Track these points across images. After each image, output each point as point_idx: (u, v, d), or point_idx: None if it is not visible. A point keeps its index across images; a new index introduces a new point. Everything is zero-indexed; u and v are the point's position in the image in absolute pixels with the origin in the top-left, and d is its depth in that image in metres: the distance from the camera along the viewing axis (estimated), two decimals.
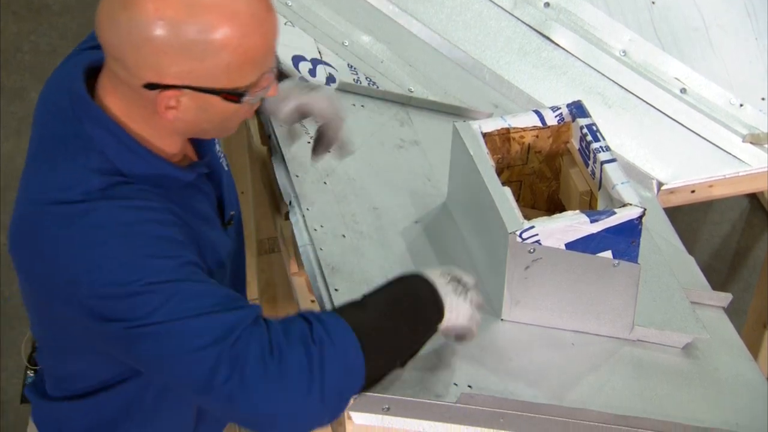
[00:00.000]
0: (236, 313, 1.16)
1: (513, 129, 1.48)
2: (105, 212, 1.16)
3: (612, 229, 1.35)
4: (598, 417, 1.32)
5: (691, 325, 1.45)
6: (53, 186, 1.18)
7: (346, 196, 1.52)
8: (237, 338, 1.14)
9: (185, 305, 1.14)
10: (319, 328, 1.17)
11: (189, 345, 1.14)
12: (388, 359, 1.22)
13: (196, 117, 1.19)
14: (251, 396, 1.13)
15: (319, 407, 1.15)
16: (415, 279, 1.26)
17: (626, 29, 1.87)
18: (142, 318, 1.14)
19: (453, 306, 1.25)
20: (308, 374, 1.14)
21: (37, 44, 3.27)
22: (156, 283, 1.15)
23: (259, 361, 1.13)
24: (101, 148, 1.18)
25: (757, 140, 1.78)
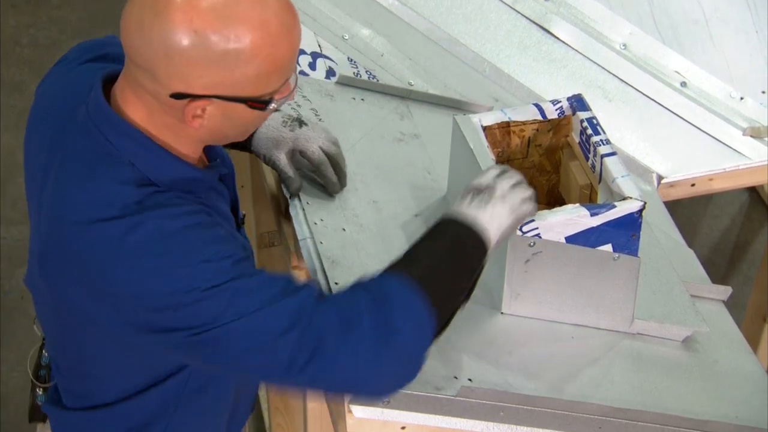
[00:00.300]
0: (299, 296, 1.18)
1: (513, 122, 1.48)
2: (152, 224, 1.16)
3: (612, 222, 1.35)
4: (597, 410, 1.33)
5: (691, 318, 1.46)
6: (89, 205, 1.17)
7: (346, 190, 1.52)
8: (308, 319, 1.16)
9: (251, 300, 1.15)
10: (379, 292, 1.19)
11: (264, 337, 1.15)
12: (451, 299, 1.24)
13: (221, 125, 1.19)
14: (333, 371, 1.16)
15: (396, 366, 1.18)
16: (446, 222, 1.27)
17: (626, 22, 1.86)
18: (210, 323, 1.15)
19: (488, 220, 1.27)
20: (382, 338, 1.16)
21: (36, 38, 3.27)
22: (217, 286, 1.15)
23: (335, 337, 1.16)
24: (129, 159, 1.18)
25: (757, 133, 1.78)
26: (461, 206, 1.28)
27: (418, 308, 1.19)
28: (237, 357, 1.17)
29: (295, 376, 1.16)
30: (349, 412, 1.28)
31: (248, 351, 1.16)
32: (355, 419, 1.28)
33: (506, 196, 1.29)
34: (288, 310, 1.16)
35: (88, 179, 1.18)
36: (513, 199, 1.29)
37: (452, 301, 1.25)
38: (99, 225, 1.16)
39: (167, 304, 1.15)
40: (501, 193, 1.29)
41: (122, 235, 1.15)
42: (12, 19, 3.31)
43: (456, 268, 1.24)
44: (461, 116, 1.46)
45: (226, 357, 1.17)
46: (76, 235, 1.17)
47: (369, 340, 1.17)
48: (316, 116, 1.63)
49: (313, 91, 1.67)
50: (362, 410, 1.28)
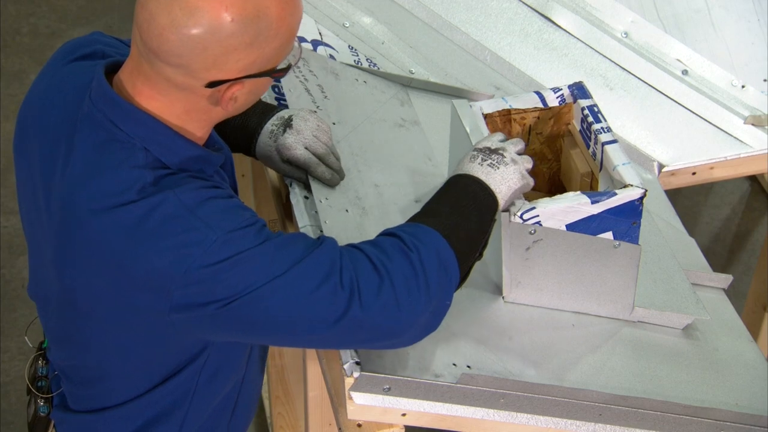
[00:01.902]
0: (325, 248, 1.20)
1: (514, 110, 1.48)
2: (171, 202, 1.16)
3: (613, 210, 1.35)
4: (598, 397, 1.33)
5: (692, 306, 1.46)
6: (105, 192, 1.17)
7: (348, 172, 1.52)
8: (341, 268, 1.18)
9: (281, 260, 1.17)
10: (407, 237, 1.22)
11: (301, 292, 1.16)
12: (470, 251, 1.27)
13: (246, 100, 1.21)
14: (374, 316, 1.18)
15: (429, 306, 1.21)
16: (458, 178, 1.30)
17: (628, 10, 1.86)
18: (244, 289, 1.15)
19: (499, 181, 1.30)
20: (415, 279, 1.20)
21: (36, 26, 3.26)
22: (245, 251, 1.16)
23: (371, 281, 1.18)
24: (142, 144, 1.18)
25: (758, 122, 1.77)
26: (472, 165, 1.32)
27: (447, 252, 1.22)
28: (276, 320, 1.17)
29: (338, 326, 1.17)
30: (350, 398, 1.28)
31: (288, 311, 1.17)
32: (356, 406, 1.29)
33: (516, 161, 1.33)
34: (319, 262, 1.18)
35: (101, 167, 1.18)
36: (522, 164, 1.33)
37: (471, 254, 1.28)
38: (118, 210, 1.16)
39: (200, 278, 1.15)
40: (511, 156, 1.33)
41: (144, 215, 1.15)
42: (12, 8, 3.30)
43: (473, 222, 1.27)
44: (458, 101, 1.46)
45: (265, 322, 1.18)
46: (95, 224, 1.17)
47: (403, 280, 1.19)
48: (322, 93, 1.62)
49: (320, 67, 1.67)
50: (363, 397, 1.28)
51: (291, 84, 1.61)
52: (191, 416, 1.33)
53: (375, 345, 1.25)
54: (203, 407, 1.33)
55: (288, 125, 1.44)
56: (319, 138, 1.45)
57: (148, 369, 1.28)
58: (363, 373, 1.26)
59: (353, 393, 1.28)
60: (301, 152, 1.44)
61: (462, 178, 1.31)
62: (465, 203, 1.28)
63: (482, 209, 1.29)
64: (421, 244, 1.22)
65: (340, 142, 1.56)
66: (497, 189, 1.31)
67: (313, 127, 1.45)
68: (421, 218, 1.27)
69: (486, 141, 1.35)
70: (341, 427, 1.35)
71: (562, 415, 1.34)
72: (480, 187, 1.30)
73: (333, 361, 1.36)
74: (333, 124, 1.59)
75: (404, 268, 1.20)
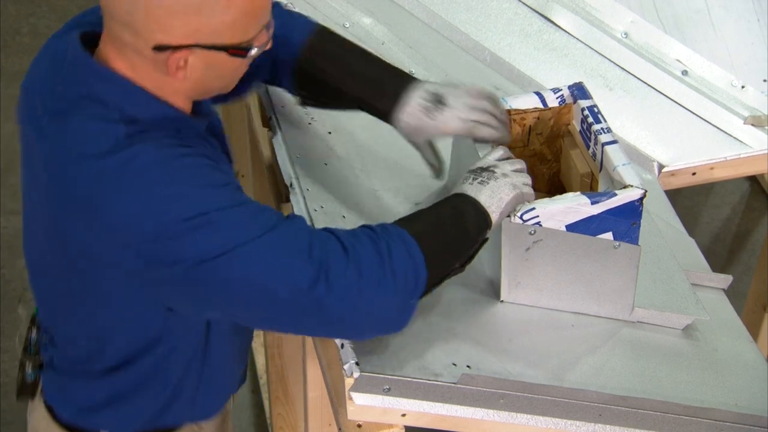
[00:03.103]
0: (297, 222, 1.20)
1: (514, 111, 1.48)
2: (146, 154, 1.16)
3: (613, 210, 1.35)
4: (598, 398, 1.33)
5: (691, 307, 1.46)
6: (79, 141, 1.18)
7: (346, 177, 1.52)
8: (311, 243, 1.17)
9: (254, 225, 1.16)
10: (379, 229, 1.23)
11: (271, 261, 1.15)
12: (443, 258, 1.26)
13: (204, 75, 1.21)
14: (337, 295, 1.17)
15: (394, 301, 1.21)
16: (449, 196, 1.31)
17: (628, 11, 1.86)
18: (213, 250, 1.14)
19: (489, 195, 1.30)
20: (381, 268, 1.19)
21: (36, 26, 3.26)
22: (218, 211, 1.15)
23: (339, 261, 1.17)
24: (115, 103, 1.19)
25: (758, 122, 1.77)
26: (464, 186, 1.32)
27: (417, 255, 1.22)
28: (240, 287, 1.16)
29: (293, 303, 1.16)
30: (350, 399, 1.28)
31: (253, 279, 1.15)
32: (356, 406, 1.29)
33: (508, 175, 1.33)
34: (291, 233, 1.18)
35: (78, 120, 1.19)
36: (514, 178, 1.33)
37: (445, 264, 1.27)
38: (94, 161, 1.16)
39: (170, 233, 1.14)
40: (502, 172, 1.33)
41: (119, 167, 1.16)
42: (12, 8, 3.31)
43: (454, 235, 1.27)
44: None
45: (228, 288, 1.16)
46: (74, 174, 1.18)
47: (369, 268, 1.18)
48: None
49: None
50: (362, 397, 1.28)
51: (283, 100, 1.61)
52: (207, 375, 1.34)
53: (331, 330, 1.24)
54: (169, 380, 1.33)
55: (440, 101, 1.40)
56: (471, 106, 1.41)
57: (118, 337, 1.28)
58: (363, 373, 1.26)
59: (353, 393, 1.28)
60: (457, 125, 1.40)
61: (453, 196, 1.31)
62: (445, 212, 1.28)
63: (465, 220, 1.28)
64: (391, 239, 1.22)
65: (337, 151, 1.57)
66: (487, 203, 1.30)
67: (465, 97, 1.41)
68: (401, 223, 1.27)
69: (481, 161, 1.35)
70: (341, 428, 1.35)
71: (561, 416, 1.34)
72: (466, 200, 1.29)
73: (333, 361, 1.36)
74: (329, 133, 1.59)
75: (372, 255, 1.19)
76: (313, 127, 1.60)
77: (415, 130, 1.42)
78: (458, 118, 1.40)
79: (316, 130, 1.60)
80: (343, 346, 1.29)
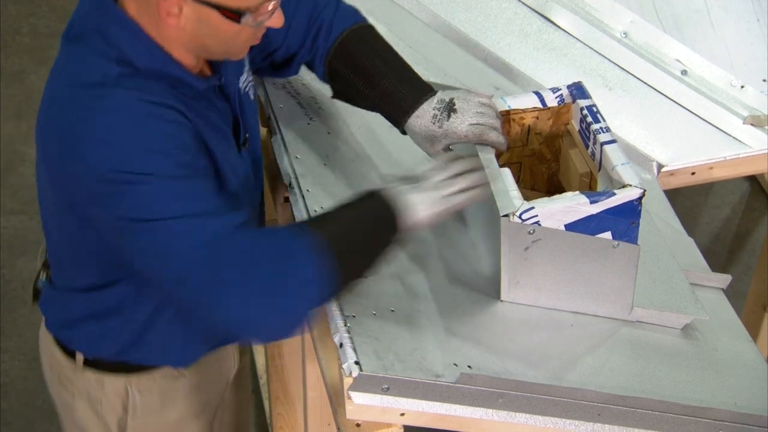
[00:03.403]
0: (222, 218, 1.23)
1: (513, 110, 1.48)
2: (121, 99, 1.23)
3: (612, 210, 1.35)
4: (597, 397, 1.33)
5: (691, 306, 1.46)
6: (75, 69, 1.26)
7: (346, 177, 1.52)
8: (219, 245, 1.21)
9: (177, 204, 1.21)
10: (287, 242, 1.24)
11: (174, 244, 1.21)
12: (351, 269, 1.29)
13: (197, 30, 1.25)
14: (221, 299, 1.22)
15: (279, 316, 1.23)
16: (368, 193, 1.31)
17: (627, 11, 1.86)
18: (134, 210, 1.21)
19: (413, 203, 1.31)
20: (273, 284, 1.22)
21: (36, 26, 3.27)
22: (152, 176, 1.20)
23: (233, 267, 1.21)
24: (119, 44, 1.25)
25: (757, 122, 1.77)
26: (397, 189, 1.33)
27: (315, 269, 1.23)
28: (146, 253, 1.23)
29: (188, 291, 1.22)
30: (349, 398, 1.28)
31: (156, 251, 1.22)
32: (355, 406, 1.29)
33: (438, 187, 1.34)
34: (207, 229, 1.21)
35: (82, 49, 1.27)
36: (441, 189, 1.33)
37: (354, 269, 1.29)
38: (78, 89, 1.24)
39: (107, 177, 1.21)
40: (430, 183, 1.34)
41: (92, 101, 1.23)
42: (12, 8, 3.31)
43: (366, 239, 1.29)
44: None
45: (137, 249, 1.23)
46: (59, 94, 1.26)
47: (260, 280, 1.21)
48: (315, 104, 1.63)
49: (313, 79, 1.67)
50: (361, 397, 1.28)
51: (282, 100, 1.61)
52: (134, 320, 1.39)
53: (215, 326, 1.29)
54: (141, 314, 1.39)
55: (451, 109, 1.42)
56: (485, 113, 1.42)
57: (92, 263, 1.35)
58: (362, 372, 1.26)
59: (352, 393, 1.28)
60: (467, 132, 1.41)
61: (371, 194, 1.31)
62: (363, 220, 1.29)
63: (380, 229, 1.30)
64: (294, 252, 1.23)
65: (336, 151, 1.57)
66: (417, 213, 1.31)
67: (475, 104, 1.42)
68: (313, 225, 1.28)
69: (408, 172, 1.35)
70: (340, 427, 1.35)
71: (560, 415, 1.34)
72: (384, 205, 1.30)
73: (332, 361, 1.36)
74: (328, 133, 1.59)
75: (267, 270, 1.22)
76: (312, 127, 1.60)
77: (426, 140, 1.43)
78: (467, 124, 1.41)
79: (315, 130, 1.60)
80: (342, 345, 1.29)
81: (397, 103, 1.44)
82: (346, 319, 1.32)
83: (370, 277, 1.32)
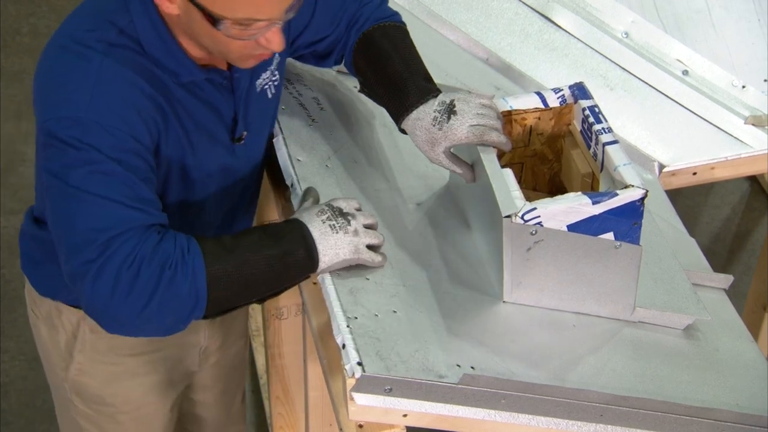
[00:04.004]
0: (134, 213, 1.26)
1: (515, 111, 1.48)
2: (99, 67, 1.26)
3: (614, 210, 1.35)
4: (599, 398, 1.33)
5: (692, 307, 1.46)
6: (78, 24, 1.30)
7: (348, 179, 1.52)
8: (118, 236, 1.24)
9: (103, 184, 1.24)
10: (179, 265, 1.26)
11: (82, 220, 1.24)
12: (234, 302, 1.32)
13: (188, 22, 1.27)
14: (95, 288, 1.25)
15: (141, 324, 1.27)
16: (294, 226, 1.33)
17: (629, 11, 1.86)
18: (65, 171, 1.24)
19: (331, 245, 1.32)
20: (147, 298, 1.24)
21: (36, 26, 3.26)
22: (94, 149, 1.23)
23: (119, 266, 1.24)
24: (133, 16, 1.29)
25: (758, 122, 1.78)
26: (314, 218, 1.33)
27: (196, 296, 1.26)
28: (54, 216, 1.27)
29: (68, 265, 1.26)
30: (351, 399, 1.28)
31: (62, 220, 1.26)
32: (357, 406, 1.29)
33: (358, 234, 1.34)
34: (115, 219, 1.24)
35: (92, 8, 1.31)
36: (362, 238, 1.34)
37: (238, 302, 1.32)
38: (70, 41, 1.28)
39: (49, 128, 1.25)
40: (355, 227, 1.34)
41: (74, 57, 1.27)
42: (12, 8, 3.30)
43: (265, 281, 1.31)
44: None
45: (50, 209, 1.28)
46: (52, 44, 1.31)
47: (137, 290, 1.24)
48: (317, 105, 1.63)
49: (315, 79, 1.67)
50: (364, 397, 1.28)
51: (284, 101, 1.61)
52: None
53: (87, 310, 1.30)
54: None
55: (451, 111, 1.41)
56: (485, 114, 1.41)
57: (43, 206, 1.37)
58: (364, 373, 1.26)
59: (354, 394, 1.28)
60: (466, 134, 1.40)
61: (294, 234, 1.31)
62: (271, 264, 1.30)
63: (286, 273, 1.32)
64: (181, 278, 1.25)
65: (338, 152, 1.56)
66: (323, 253, 1.32)
67: (476, 105, 1.42)
68: (214, 255, 1.28)
69: (342, 201, 1.36)
70: (342, 428, 1.35)
71: (563, 416, 1.34)
72: (302, 242, 1.31)
73: (334, 361, 1.36)
74: (330, 134, 1.59)
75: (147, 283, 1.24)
76: (314, 128, 1.60)
77: (427, 143, 1.43)
78: (467, 125, 1.40)
79: (317, 131, 1.60)
80: (344, 346, 1.29)
81: (399, 101, 1.44)
82: (348, 320, 1.32)
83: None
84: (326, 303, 1.35)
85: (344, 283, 1.36)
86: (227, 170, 1.43)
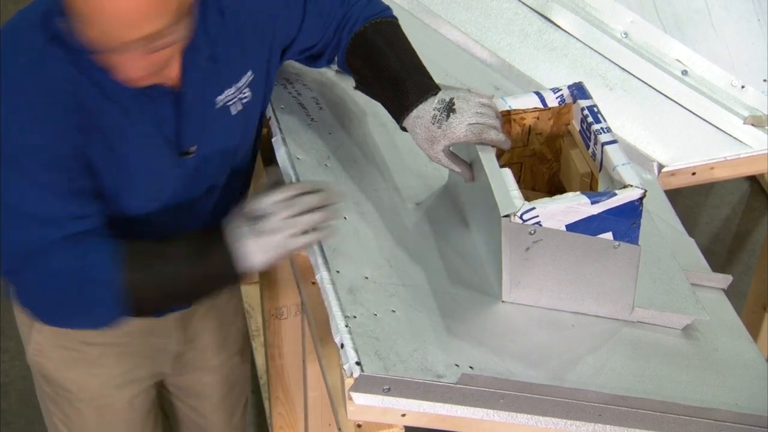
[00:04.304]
0: (47, 229, 1.28)
1: (514, 111, 1.48)
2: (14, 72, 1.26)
3: (613, 210, 1.35)
4: (598, 397, 1.33)
5: (691, 307, 1.46)
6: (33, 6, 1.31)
7: (347, 178, 1.52)
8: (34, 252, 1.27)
9: (29, 192, 1.26)
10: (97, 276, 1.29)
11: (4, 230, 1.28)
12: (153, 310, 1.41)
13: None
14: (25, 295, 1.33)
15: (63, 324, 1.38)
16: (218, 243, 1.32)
17: (628, 11, 1.86)
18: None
19: (255, 250, 1.31)
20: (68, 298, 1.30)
21: None
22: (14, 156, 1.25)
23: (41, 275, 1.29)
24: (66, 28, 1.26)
25: (758, 122, 1.78)
26: (235, 231, 1.32)
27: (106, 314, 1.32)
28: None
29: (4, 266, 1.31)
30: (350, 399, 1.28)
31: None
32: (356, 406, 1.29)
33: (282, 228, 1.32)
34: (32, 236, 1.28)
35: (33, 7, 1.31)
36: (284, 232, 1.32)
37: (156, 310, 1.39)
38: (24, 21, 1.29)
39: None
40: (274, 224, 1.32)
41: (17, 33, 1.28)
42: (12, 8, 3.30)
43: (186, 293, 1.37)
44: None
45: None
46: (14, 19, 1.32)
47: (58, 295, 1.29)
48: (316, 104, 1.63)
49: (314, 79, 1.67)
50: (362, 397, 1.28)
51: (283, 100, 1.61)
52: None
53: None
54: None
55: (451, 109, 1.40)
56: (484, 113, 1.41)
57: None
58: (363, 373, 1.26)
59: (353, 393, 1.28)
60: (465, 132, 1.39)
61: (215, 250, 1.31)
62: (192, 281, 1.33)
63: (208, 287, 1.34)
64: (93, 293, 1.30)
65: (337, 152, 1.57)
66: (252, 260, 1.31)
67: (475, 104, 1.41)
68: (133, 268, 1.30)
69: (261, 200, 1.33)
70: (341, 428, 1.35)
71: (561, 416, 1.34)
72: (226, 259, 1.31)
73: (333, 361, 1.36)
74: (329, 133, 1.59)
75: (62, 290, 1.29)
76: (313, 127, 1.60)
77: (426, 141, 1.42)
78: (466, 124, 1.40)
79: (316, 130, 1.60)
80: (343, 346, 1.29)
81: (399, 100, 1.44)
82: (347, 319, 1.32)
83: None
84: (325, 302, 1.35)
85: (343, 283, 1.36)
86: (174, 183, 1.41)
